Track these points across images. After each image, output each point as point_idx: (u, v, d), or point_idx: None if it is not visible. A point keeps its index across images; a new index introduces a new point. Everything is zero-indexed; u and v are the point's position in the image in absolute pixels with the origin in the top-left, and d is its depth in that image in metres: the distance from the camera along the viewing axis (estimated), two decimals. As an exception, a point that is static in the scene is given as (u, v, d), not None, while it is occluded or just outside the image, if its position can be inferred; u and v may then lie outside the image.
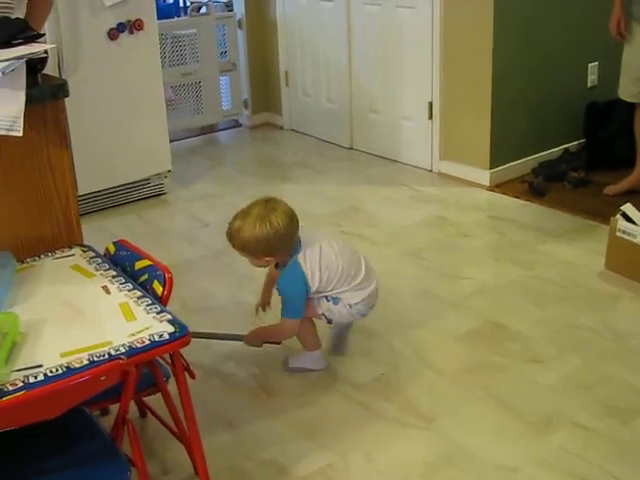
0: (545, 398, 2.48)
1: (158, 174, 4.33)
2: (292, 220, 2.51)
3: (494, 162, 4.25)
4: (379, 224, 3.90)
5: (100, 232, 3.73)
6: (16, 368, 1.63)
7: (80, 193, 3.97)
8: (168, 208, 4.28)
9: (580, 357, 2.68)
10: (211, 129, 5.72)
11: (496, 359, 2.70)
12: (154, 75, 4.13)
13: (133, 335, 1.74)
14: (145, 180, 4.29)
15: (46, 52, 2.12)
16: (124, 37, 3.91)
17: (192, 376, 1.98)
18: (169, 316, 1.81)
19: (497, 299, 3.11)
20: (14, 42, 2.10)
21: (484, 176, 4.27)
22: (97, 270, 2.08)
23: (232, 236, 2.53)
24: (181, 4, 7.67)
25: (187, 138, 5.54)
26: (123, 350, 1.68)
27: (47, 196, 2.21)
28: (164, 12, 7.59)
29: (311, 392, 2.56)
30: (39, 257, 2.16)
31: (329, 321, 2.68)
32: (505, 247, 3.59)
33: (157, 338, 1.73)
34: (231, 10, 5.64)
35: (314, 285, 2.55)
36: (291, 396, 2.55)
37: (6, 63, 1.94)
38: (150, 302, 1.89)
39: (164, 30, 5.04)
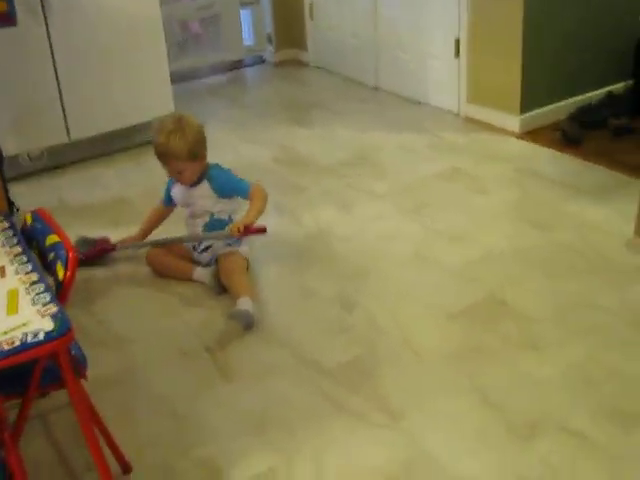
0: (536, 394, 2.13)
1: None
2: None
3: (525, 106, 3.80)
4: (388, 177, 3.52)
5: (91, 182, 3.53)
6: None
7: (72, 139, 3.74)
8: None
9: (587, 345, 2.30)
10: (236, 65, 5.38)
11: (488, 343, 2.34)
12: (151, 9, 3.78)
13: (5, 333, 1.48)
14: (146, 124, 3.99)
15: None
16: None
17: (82, 376, 1.69)
18: (54, 309, 1.53)
19: (504, 268, 2.73)
20: None
21: (514, 122, 3.83)
22: (3, 246, 1.82)
23: (169, 148, 2.53)
24: None
25: (212, 75, 5.23)
26: (-15, 352, 1.42)
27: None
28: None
29: (272, 376, 2.27)
30: (-53, 226, 1.90)
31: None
32: (525, 206, 3.18)
33: (30, 339, 1.46)
34: (252, -64, 5.22)
35: None
36: (248, 380, 2.26)
37: None
38: (42, 290, 1.61)
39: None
